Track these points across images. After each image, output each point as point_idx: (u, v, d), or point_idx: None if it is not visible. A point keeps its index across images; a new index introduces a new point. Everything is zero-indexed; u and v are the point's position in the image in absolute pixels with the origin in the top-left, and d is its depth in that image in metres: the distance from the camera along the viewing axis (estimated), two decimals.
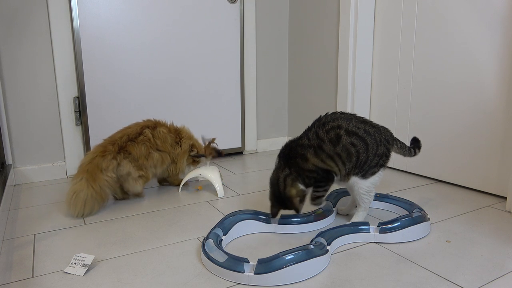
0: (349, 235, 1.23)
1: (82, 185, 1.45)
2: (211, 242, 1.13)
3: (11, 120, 1.90)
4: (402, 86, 1.95)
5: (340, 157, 1.23)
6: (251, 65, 2.46)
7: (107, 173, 1.50)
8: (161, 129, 1.69)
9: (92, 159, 1.52)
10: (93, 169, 1.49)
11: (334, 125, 1.24)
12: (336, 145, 1.22)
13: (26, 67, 1.89)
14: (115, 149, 1.55)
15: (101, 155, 1.52)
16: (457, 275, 1.04)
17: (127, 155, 1.57)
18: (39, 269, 1.10)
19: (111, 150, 1.55)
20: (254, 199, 1.65)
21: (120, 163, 1.54)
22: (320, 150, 1.23)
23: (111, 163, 1.52)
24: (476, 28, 1.62)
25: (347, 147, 1.22)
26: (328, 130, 1.24)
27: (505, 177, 1.59)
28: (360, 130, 1.24)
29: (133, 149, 1.58)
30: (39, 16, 1.88)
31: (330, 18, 2.22)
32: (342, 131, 1.23)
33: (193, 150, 1.78)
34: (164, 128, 1.70)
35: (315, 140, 1.24)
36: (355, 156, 1.23)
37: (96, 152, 1.54)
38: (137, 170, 1.59)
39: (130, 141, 1.59)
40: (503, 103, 1.57)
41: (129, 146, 1.58)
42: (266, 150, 2.62)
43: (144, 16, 2.09)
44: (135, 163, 1.58)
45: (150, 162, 1.63)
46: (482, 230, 1.32)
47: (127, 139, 1.59)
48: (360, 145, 1.23)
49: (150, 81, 2.16)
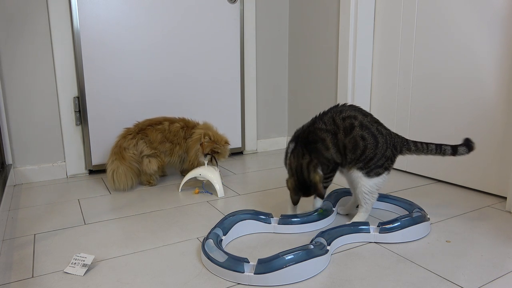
0: (349, 235, 1.23)
1: (116, 164, 1.74)
2: (211, 242, 1.13)
3: (11, 120, 1.90)
4: (402, 85, 1.95)
5: (345, 148, 1.25)
6: (251, 65, 2.46)
7: (130, 151, 1.77)
8: (176, 123, 1.87)
9: (117, 142, 1.81)
10: (118, 149, 1.77)
11: (351, 114, 1.26)
12: (347, 135, 1.25)
13: (26, 67, 1.89)
14: (135, 130, 1.81)
15: (123, 137, 1.81)
16: (457, 275, 1.04)
17: (144, 136, 1.80)
18: (39, 269, 1.10)
19: (132, 131, 1.81)
20: (254, 199, 1.65)
21: (137, 142, 1.79)
22: (335, 138, 1.25)
23: (131, 142, 1.78)
24: (476, 27, 1.62)
25: (356, 139, 1.24)
26: (344, 118, 1.26)
27: (505, 177, 1.59)
28: (373, 127, 1.26)
29: (150, 133, 1.81)
30: (39, 16, 1.88)
31: (330, 18, 2.22)
32: (356, 123, 1.25)
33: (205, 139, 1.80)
34: (179, 123, 1.87)
35: (331, 125, 1.26)
36: (361, 150, 1.24)
37: (120, 135, 1.83)
38: (149, 150, 1.80)
39: (150, 126, 1.83)
40: (503, 103, 1.57)
41: (147, 130, 1.82)
42: (266, 150, 2.62)
43: (144, 16, 2.09)
44: (150, 145, 1.80)
45: (162, 148, 1.83)
46: (482, 230, 1.32)
47: (148, 124, 1.84)
48: (370, 140, 1.24)
49: (150, 81, 2.16)
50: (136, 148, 1.77)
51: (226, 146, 1.84)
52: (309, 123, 1.32)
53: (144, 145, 1.79)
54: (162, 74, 2.19)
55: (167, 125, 1.85)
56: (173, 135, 1.84)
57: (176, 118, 1.92)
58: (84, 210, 1.55)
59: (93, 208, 1.58)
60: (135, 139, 1.78)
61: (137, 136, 1.79)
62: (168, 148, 1.83)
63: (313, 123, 1.31)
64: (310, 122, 1.32)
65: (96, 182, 1.95)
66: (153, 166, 1.79)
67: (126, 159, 1.75)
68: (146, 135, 1.80)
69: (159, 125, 1.84)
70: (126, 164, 1.75)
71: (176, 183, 1.90)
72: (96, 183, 1.92)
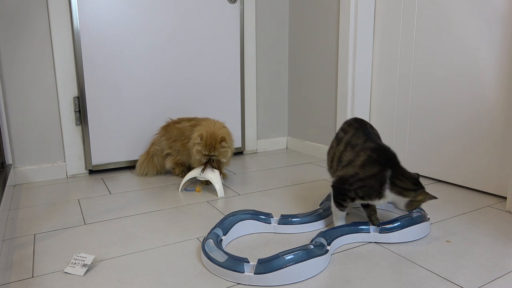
0: (349, 235, 1.23)
1: (143, 155, 2.03)
2: (211, 242, 1.13)
3: (11, 120, 1.90)
4: (402, 86, 1.95)
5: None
6: (251, 65, 2.46)
7: (154, 146, 2.00)
8: (186, 122, 1.93)
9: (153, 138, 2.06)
10: (150, 144, 2.06)
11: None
12: None
13: (26, 67, 1.89)
14: (164, 128, 1.99)
15: (155, 134, 2.04)
16: (457, 275, 1.04)
17: (166, 133, 1.96)
18: (39, 269, 1.10)
19: (162, 128, 2.01)
20: (254, 199, 1.65)
21: (160, 138, 1.98)
22: None
23: (156, 138, 2.01)
24: (476, 27, 1.62)
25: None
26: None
27: (505, 177, 1.59)
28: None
29: (171, 130, 1.94)
30: (39, 16, 1.88)
31: (330, 18, 2.22)
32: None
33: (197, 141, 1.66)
34: (189, 122, 1.92)
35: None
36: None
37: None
38: (168, 149, 1.95)
39: (174, 123, 1.97)
40: (503, 103, 1.57)
41: (170, 127, 1.96)
42: (266, 150, 2.62)
43: (144, 16, 2.09)
44: (169, 142, 1.94)
45: (175, 146, 1.92)
46: (482, 230, 1.32)
47: (173, 122, 1.99)
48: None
49: (149, 81, 2.16)
50: (159, 144, 1.98)
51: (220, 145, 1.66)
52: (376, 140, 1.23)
53: (164, 143, 1.96)
54: (162, 74, 2.19)
55: (183, 124, 1.93)
56: (181, 134, 1.89)
57: (197, 117, 1.97)
58: (84, 210, 1.55)
59: (93, 208, 1.58)
60: (160, 136, 1.99)
61: (163, 133, 1.98)
62: (179, 146, 1.90)
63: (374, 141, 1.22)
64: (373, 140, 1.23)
65: (96, 182, 1.95)
66: (168, 164, 1.97)
67: (149, 153, 2.00)
68: (167, 132, 1.96)
69: (178, 123, 1.94)
70: (148, 157, 2.00)
71: (176, 183, 1.90)
72: (96, 183, 1.92)
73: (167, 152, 1.96)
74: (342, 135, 1.31)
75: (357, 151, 1.21)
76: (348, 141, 1.26)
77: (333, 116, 2.28)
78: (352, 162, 1.21)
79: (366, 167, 1.17)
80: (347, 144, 1.26)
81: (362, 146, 1.21)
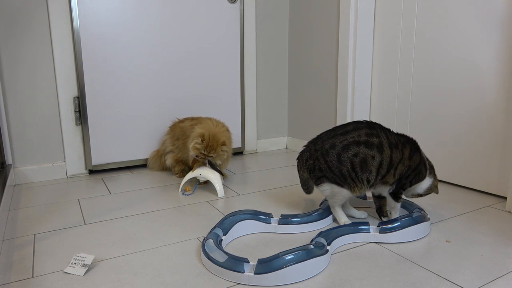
0: (349, 235, 1.23)
1: (153, 152, 2.15)
2: (211, 242, 1.13)
3: (11, 120, 1.90)
4: (402, 86, 1.95)
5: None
6: (251, 65, 2.46)
7: (162, 146, 2.09)
8: (187, 122, 1.96)
9: None
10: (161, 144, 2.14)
11: None
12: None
13: (26, 67, 1.89)
14: (170, 127, 2.05)
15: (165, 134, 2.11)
16: (457, 275, 1.04)
17: (171, 131, 2.02)
18: (39, 269, 1.10)
19: (169, 127, 2.06)
20: (254, 199, 1.65)
21: (166, 137, 2.05)
22: None
23: (164, 137, 2.09)
24: (476, 28, 1.62)
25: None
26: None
27: (505, 177, 1.59)
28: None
29: (176, 129, 1.99)
30: (39, 16, 1.88)
31: (330, 18, 2.22)
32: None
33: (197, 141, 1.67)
34: (189, 121, 1.95)
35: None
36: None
37: None
38: (170, 146, 2.00)
39: (179, 122, 2.01)
40: (503, 103, 1.57)
41: (175, 126, 2.01)
42: (266, 150, 2.62)
43: (144, 16, 2.09)
44: (172, 140, 1.99)
45: (177, 144, 1.96)
46: (482, 230, 1.32)
47: (178, 121, 2.04)
48: None
49: (149, 81, 2.16)
50: (164, 144, 2.06)
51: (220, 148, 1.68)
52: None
53: (169, 141, 2.02)
54: (162, 74, 2.19)
55: (185, 123, 1.96)
56: (183, 133, 1.92)
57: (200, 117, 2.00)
58: (84, 210, 1.55)
59: (93, 208, 1.58)
60: (166, 135, 2.06)
61: (168, 132, 2.05)
62: (181, 144, 1.93)
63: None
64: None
65: (96, 182, 1.95)
66: (168, 160, 2.02)
67: (158, 151, 2.12)
68: (172, 131, 2.02)
69: (182, 123, 1.99)
70: (156, 155, 2.12)
71: (176, 183, 1.90)
72: (96, 183, 1.92)
73: (170, 149, 2.01)
74: (377, 140, 1.26)
75: (401, 148, 1.28)
76: (390, 142, 1.27)
77: (333, 116, 2.28)
78: (401, 160, 1.27)
79: (413, 157, 1.28)
80: (390, 145, 1.26)
81: (398, 141, 1.29)
